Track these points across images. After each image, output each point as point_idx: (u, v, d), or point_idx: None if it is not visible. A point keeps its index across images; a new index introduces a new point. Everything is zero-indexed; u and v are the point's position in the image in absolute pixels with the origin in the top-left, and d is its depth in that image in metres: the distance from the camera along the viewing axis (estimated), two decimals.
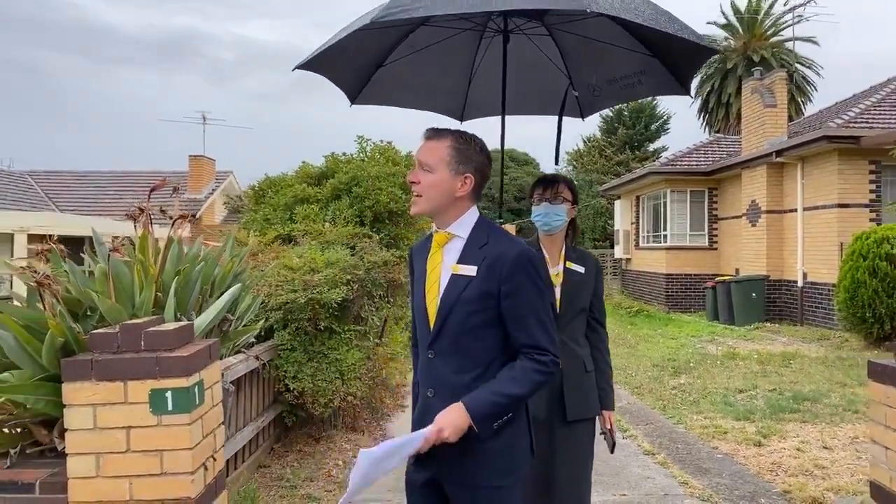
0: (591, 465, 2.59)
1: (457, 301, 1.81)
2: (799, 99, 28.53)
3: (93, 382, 2.28)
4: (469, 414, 1.73)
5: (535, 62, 2.97)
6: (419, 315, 1.93)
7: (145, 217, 2.90)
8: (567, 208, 2.58)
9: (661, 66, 2.77)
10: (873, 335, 9.70)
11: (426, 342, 1.89)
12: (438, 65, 2.99)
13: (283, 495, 3.94)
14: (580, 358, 2.54)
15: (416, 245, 2.07)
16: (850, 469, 4.39)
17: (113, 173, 22.42)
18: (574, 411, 2.49)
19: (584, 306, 2.59)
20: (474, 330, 1.81)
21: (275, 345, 4.66)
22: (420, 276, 1.95)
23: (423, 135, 1.91)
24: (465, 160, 1.86)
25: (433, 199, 1.86)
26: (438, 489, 1.90)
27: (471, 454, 1.81)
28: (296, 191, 6.36)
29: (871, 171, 12.06)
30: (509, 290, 1.78)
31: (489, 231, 1.88)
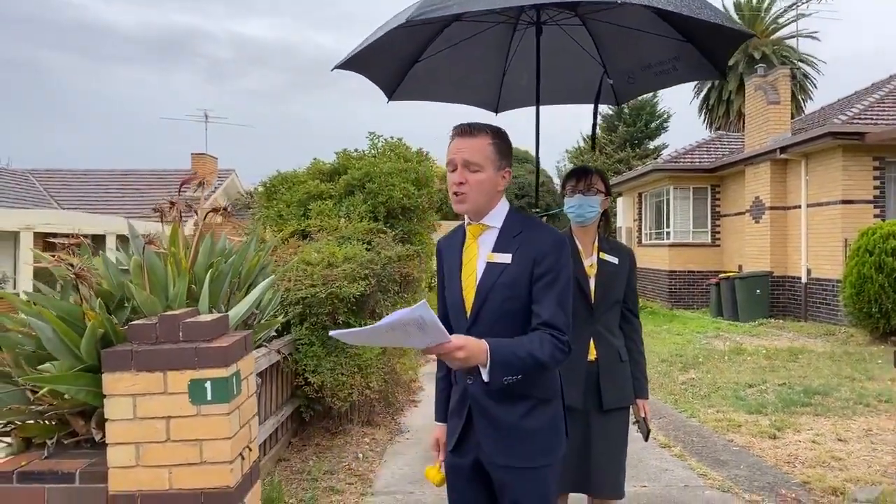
0: (625, 451, 2.62)
1: (492, 288, 1.86)
2: (800, 96, 28.59)
3: (133, 373, 2.30)
4: (490, 353, 1.73)
5: (568, 52, 2.99)
6: (454, 305, 1.97)
7: (176, 211, 2.92)
8: (601, 199, 2.60)
9: (696, 52, 2.79)
10: (879, 330, 9.74)
11: (462, 330, 1.91)
12: (473, 58, 3.02)
13: (305, 488, 3.97)
14: (615, 348, 2.56)
15: (444, 239, 2.10)
16: (867, 461, 4.42)
17: (114, 172, 22.40)
18: (610, 400, 2.52)
19: (619, 297, 2.61)
20: (510, 315, 1.86)
21: (293, 339, 4.68)
22: (454, 268, 1.98)
23: (456, 132, 1.90)
24: (504, 155, 1.91)
25: (480, 197, 1.88)
26: (481, 472, 1.93)
27: (518, 437, 1.85)
28: (309, 187, 6.38)
29: (875, 167, 12.10)
30: (541, 273, 1.84)
31: (522, 220, 1.93)
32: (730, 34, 2.61)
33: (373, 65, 2.83)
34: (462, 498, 1.98)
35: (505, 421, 1.85)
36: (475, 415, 1.90)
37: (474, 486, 1.95)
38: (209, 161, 21.31)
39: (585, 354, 2.50)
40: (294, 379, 4.82)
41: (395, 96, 3.08)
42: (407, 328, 1.65)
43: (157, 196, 22.37)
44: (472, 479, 1.95)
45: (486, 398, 1.85)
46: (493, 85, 3.21)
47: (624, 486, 2.64)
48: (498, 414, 1.86)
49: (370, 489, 4.02)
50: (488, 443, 1.87)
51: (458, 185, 1.88)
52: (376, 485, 4.11)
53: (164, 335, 2.34)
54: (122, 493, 2.32)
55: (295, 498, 3.77)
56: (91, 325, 2.36)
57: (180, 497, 2.32)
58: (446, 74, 3.10)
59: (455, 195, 1.90)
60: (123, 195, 20.91)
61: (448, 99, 3.31)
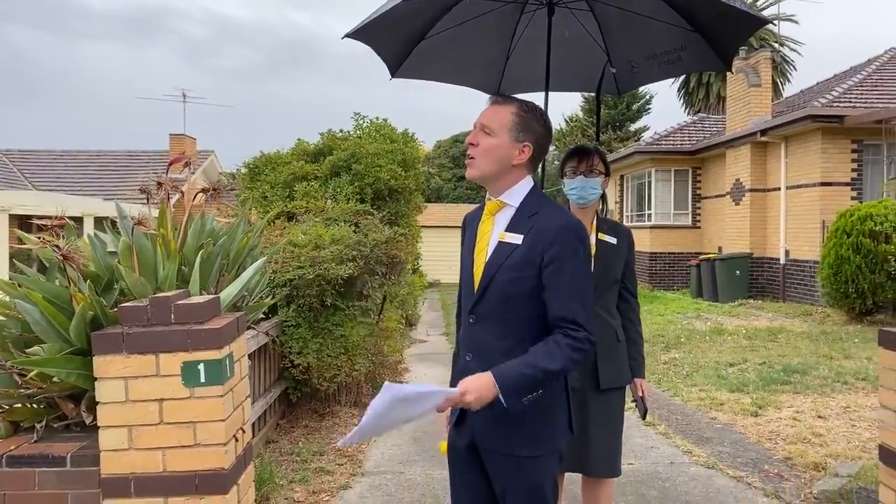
0: (621, 430, 2.65)
1: (500, 268, 1.82)
2: (778, 80, 28.80)
3: (124, 355, 2.27)
4: (497, 385, 1.69)
5: (573, 37, 2.96)
6: (465, 280, 1.95)
7: (164, 192, 2.87)
8: (601, 181, 2.58)
9: (703, 41, 2.75)
10: (855, 310, 9.94)
11: (469, 306, 1.90)
12: (478, 39, 2.97)
13: (296, 469, 3.97)
14: (612, 328, 2.57)
15: (471, 213, 2.06)
16: (846, 436, 4.53)
17: (90, 152, 21.95)
18: (607, 380, 2.53)
19: (617, 277, 2.61)
20: (514, 298, 1.81)
21: (280, 321, 4.66)
22: (470, 242, 1.96)
23: (489, 100, 1.90)
24: (526, 128, 1.84)
25: (488, 163, 1.84)
26: (478, 456, 1.92)
27: (508, 423, 1.81)
28: (294, 168, 6.30)
29: (853, 150, 12.27)
30: (551, 258, 1.76)
31: (541, 202, 1.87)
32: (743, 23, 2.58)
33: (380, 37, 2.77)
34: (460, 478, 1.98)
35: (497, 406, 1.79)
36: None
37: (470, 469, 1.94)
38: (188, 142, 20.97)
39: None
40: (281, 361, 4.80)
41: (398, 73, 3.03)
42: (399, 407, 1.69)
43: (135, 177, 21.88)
44: (470, 460, 1.94)
45: None
46: (497, 68, 3.17)
47: (620, 465, 2.67)
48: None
49: (360, 469, 4.03)
50: (479, 425, 1.86)
51: (469, 145, 1.85)
52: (366, 465, 4.12)
53: (155, 317, 2.31)
54: (114, 476, 2.30)
55: (286, 479, 3.77)
56: (81, 308, 2.32)
57: (174, 479, 2.31)
58: (450, 54, 3.04)
59: (467, 159, 1.88)
60: (100, 176, 20.53)
61: (450, 79, 3.27)
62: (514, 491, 1.85)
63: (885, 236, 9.50)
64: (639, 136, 31.47)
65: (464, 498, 1.98)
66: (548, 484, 1.87)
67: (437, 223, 20.06)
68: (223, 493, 2.32)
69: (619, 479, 3.72)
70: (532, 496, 1.85)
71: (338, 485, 3.76)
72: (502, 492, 1.88)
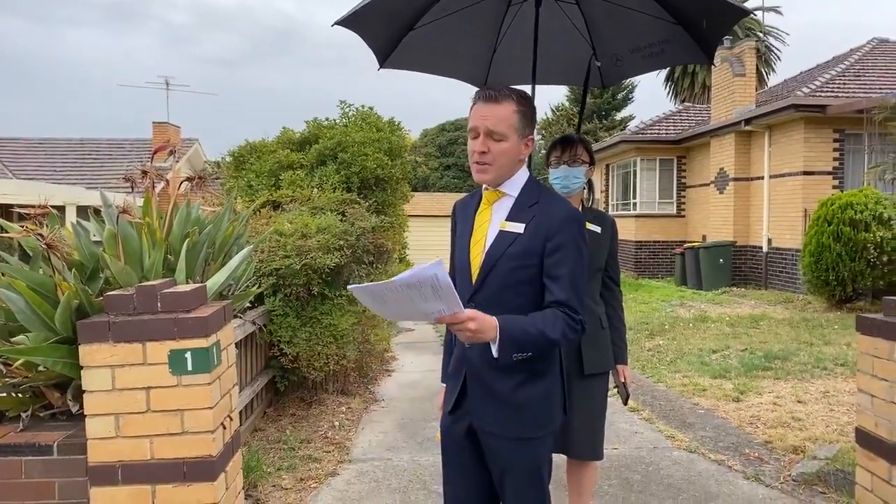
0: (604, 414, 2.70)
1: (501, 256, 1.83)
2: (763, 69, 28.98)
3: (111, 344, 2.28)
4: (499, 330, 1.70)
5: (559, 30, 2.97)
6: (461, 269, 1.95)
7: (148, 180, 2.85)
8: (585, 170, 2.61)
9: (686, 35, 2.78)
10: (835, 297, 10.10)
11: (467, 296, 1.89)
12: (465, 31, 2.98)
13: (283, 457, 3.99)
14: (596, 315, 2.61)
15: (460, 202, 2.07)
16: (825, 420, 4.63)
17: (72, 141, 21.66)
18: (591, 366, 2.57)
19: (601, 266, 2.65)
20: (515, 286, 1.83)
21: (267, 310, 4.65)
22: (465, 231, 1.96)
23: (480, 97, 1.83)
24: (529, 123, 1.84)
25: (503, 166, 1.83)
26: (474, 439, 1.93)
27: (508, 407, 1.84)
28: (279, 156, 6.27)
29: (835, 139, 12.40)
30: (553, 248, 1.80)
31: (539, 191, 1.88)
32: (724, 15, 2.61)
33: (370, 26, 2.77)
34: (454, 463, 1.98)
35: (497, 390, 1.84)
36: (469, 380, 1.90)
37: (466, 453, 1.95)
38: (172, 130, 20.73)
39: None
40: (269, 350, 4.81)
41: (386, 64, 3.03)
42: (422, 289, 1.58)
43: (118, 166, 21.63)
44: (466, 445, 1.94)
45: (481, 365, 1.84)
46: (483, 61, 3.18)
47: (603, 448, 2.72)
48: (491, 382, 1.85)
49: (347, 457, 4.06)
50: (479, 409, 1.88)
51: (480, 153, 1.81)
52: (353, 452, 4.15)
53: (141, 306, 2.31)
54: (102, 464, 2.31)
55: (273, 467, 3.79)
56: (66, 297, 2.31)
57: (162, 467, 2.32)
58: (438, 46, 3.05)
59: (477, 164, 1.84)
60: (82, 165, 20.27)
61: (437, 71, 3.27)
62: (513, 473, 1.88)
63: (865, 224, 9.65)
64: (624, 125, 31.57)
65: (459, 482, 1.99)
66: (545, 465, 1.92)
67: (424, 212, 20.05)
68: (211, 480, 2.34)
69: (604, 463, 3.79)
70: (531, 477, 1.89)
71: (325, 472, 3.79)
72: (501, 474, 1.90)
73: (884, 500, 2.73)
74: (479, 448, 1.93)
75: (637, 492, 3.51)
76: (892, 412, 2.67)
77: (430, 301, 1.62)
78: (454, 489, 2.00)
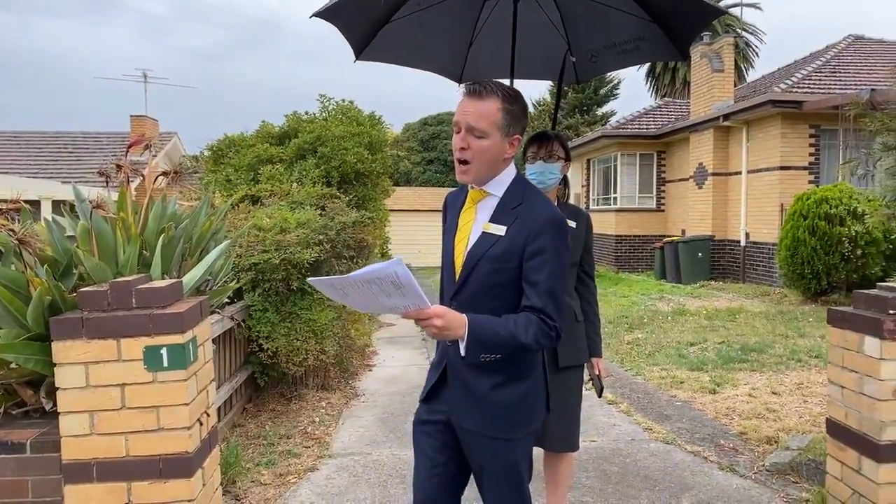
0: (580, 406, 2.73)
1: (482, 258, 1.82)
2: (742, 65, 29.27)
3: (84, 340, 2.25)
4: (468, 328, 1.69)
5: (535, 25, 2.98)
6: (446, 265, 1.94)
7: (123, 175, 2.82)
8: (561, 166, 2.64)
9: (661, 32, 2.80)
10: (811, 290, 10.27)
11: (450, 293, 1.90)
12: (442, 25, 2.98)
13: (263, 453, 3.97)
14: (571, 309, 2.64)
15: (452, 195, 2.05)
16: (798, 411, 4.71)
17: (47, 134, 21.27)
18: (565, 359, 2.60)
19: (576, 260, 2.68)
20: (495, 287, 1.82)
21: (246, 306, 4.63)
22: (451, 227, 1.95)
23: (466, 91, 1.79)
24: (515, 122, 1.79)
25: (484, 165, 1.80)
26: (447, 432, 1.92)
27: (479, 405, 1.84)
28: (258, 151, 6.21)
29: (810, 135, 12.59)
30: (533, 252, 1.78)
31: (524, 191, 1.86)
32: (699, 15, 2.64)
33: (346, 17, 2.76)
34: (427, 452, 1.97)
35: (474, 389, 1.84)
36: (450, 375, 1.90)
37: (440, 443, 1.94)
38: (149, 123, 20.44)
39: None
40: (248, 345, 4.78)
41: (363, 56, 3.02)
42: (382, 285, 1.58)
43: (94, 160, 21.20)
44: (440, 436, 1.94)
45: (459, 362, 1.84)
46: (459, 54, 3.18)
47: (578, 440, 2.75)
48: (470, 380, 1.85)
49: (327, 452, 4.06)
50: (457, 405, 1.88)
51: (460, 150, 1.79)
52: (333, 447, 4.15)
53: (116, 302, 2.29)
54: (76, 462, 2.29)
55: (252, 462, 3.78)
56: (38, 293, 2.28)
57: (138, 464, 2.31)
58: (415, 39, 3.04)
59: (458, 162, 1.82)
60: (57, 159, 19.93)
61: (413, 64, 3.26)
62: (491, 470, 1.89)
63: (840, 219, 9.81)
64: (606, 120, 31.72)
65: (429, 472, 1.97)
66: (524, 461, 1.92)
67: (407, 207, 20.01)
68: (188, 476, 2.33)
69: (582, 455, 3.83)
70: (509, 474, 1.89)
71: (304, 467, 3.78)
72: (479, 469, 1.91)
73: (853, 489, 2.80)
74: (451, 441, 1.93)
75: (615, 483, 3.55)
76: (861, 403, 2.74)
77: (393, 297, 1.62)
78: (422, 480, 1.97)
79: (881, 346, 2.61)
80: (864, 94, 10.65)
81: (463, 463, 1.96)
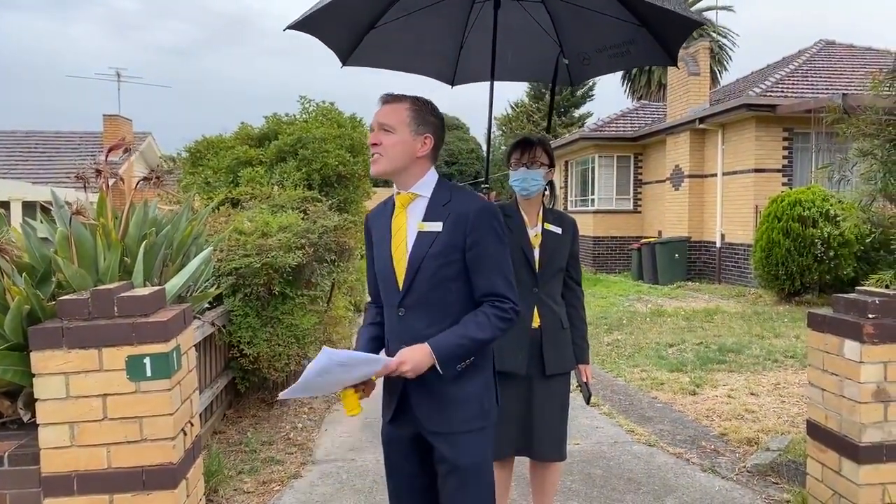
0: (567, 414, 2.72)
1: (425, 256, 1.88)
2: (715, 68, 29.70)
3: (64, 350, 2.20)
4: (434, 354, 1.82)
5: (526, 29, 2.98)
6: (385, 277, 1.97)
7: (103, 179, 2.76)
8: (544, 172, 2.63)
9: (650, 37, 2.83)
10: (785, 291, 10.45)
11: (395, 301, 1.94)
12: (430, 28, 2.96)
13: (245, 460, 3.92)
14: (557, 315, 2.63)
15: (373, 211, 2.11)
16: (777, 412, 4.79)
17: (16, 133, 20.80)
18: (552, 366, 2.59)
19: (562, 266, 2.67)
20: (443, 283, 1.89)
21: (226, 311, 4.56)
22: (382, 238, 1.99)
23: (380, 99, 1.96)
24: (423, 121, 1.93)
25: (394, 158, 1.91)
26: (418, 444, 1.98)
27: (446, 404, 1.90)
28: (237, 153, 6.13)
29: (784, 137, 12.81)
30: (473, 242, 1.87)
31: (451, 189, 1.97)
32: (681, 23, 2.67)
33: (326, 27, 2.73)
34: (398, 470, 2.02)
35: (436, 386, 1.88)
36: (409, 385, 1.92)
37: (411, 459, 2.00)
38: (123, 123, 20.07)
39: (529, 321, 2.56)
40: (228, 351, 4.72)
41: (349, 62, 3.00)
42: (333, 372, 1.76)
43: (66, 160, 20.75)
44: (410, 451, 1.99)
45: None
46: (451, 57, 3.17)
47: (566, 448, 2.75)
48: (432, 382, 1.88)
49: (311, 458, 4.02)
50: (422, 410, 1.92)
51: (372, 145, 1.93)
52: (317, 454, 4.11)
53: (97, 310, 2.24)
54: (56, 475, 2.23)
55: (235, 470, 3.73)
56: (17, 302, 2.22)
57: (120, 476, 2.26)
58: (403, 43, 3.03)
59: (371, 157, 1.96)
60: (28, 158, 19.51)
61: (403, 68, 3.25)
62: (464, 469, 1.91)
63: (813, 221, 10.00)
64: (583, 122, 31.96)
65: (410, 484, 2.02)
66: (488, 461, 1.97)
67: None
68: (172, 488, 2.29)
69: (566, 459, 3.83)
70: (476, 474, 1.92)
71: (288, 474, 3.74)
72: (445, 475, 1.93)
73: (833, 490, 2.84)
74: (424, 455, 1.97)
75: (599, 486, 3.57)
76: (841, 405, 2.78)
77: (353, 370, 1.81)
78: (399, 498, 2.04)
79: (861, 350, 2.66)
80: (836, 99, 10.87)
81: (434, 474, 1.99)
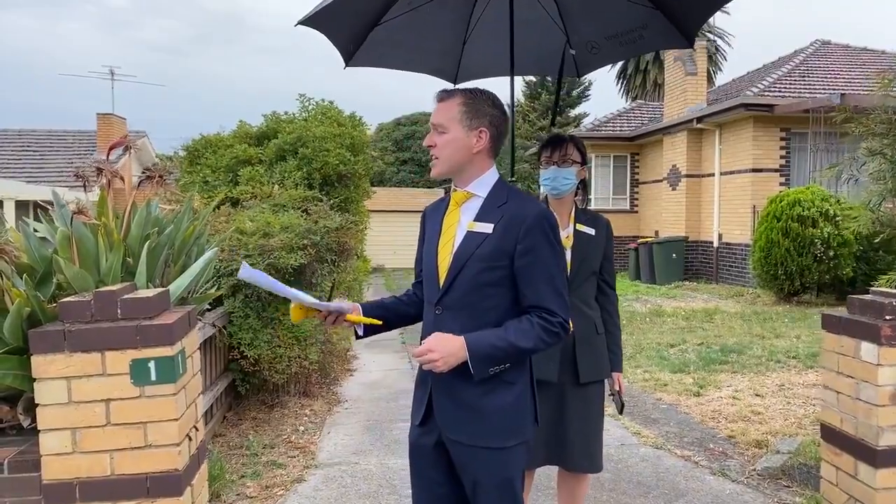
0: (601, 423, 2.60)
1: (470, 257, 1.80)
2: (711, 69, 29.75)
3: (66, 354, 2.13)
4: (468, 349, 1.72)
5: (531, 20, 2.91)
6: (428, 272, 1.91)
7: (104, 178, 2.69)
8: (576, 170, 2.52)
9: (664, 19, 2.73)
10: (784, 291, 10.45)
11: (434, 299, 1.86)
12: (433, 25, 2.90)
13: (246, 464, 3.85)
14: (591, 320, 2.52)
15: (430, 206, 2.04)
16: (783, 413, 4.75)
17: (8, 132, 20.61)
18: (586, 374, 2.47)
19: (595, 269, 2.56)
20: (484, 287, 1.79)
21: (226, 312, 4.50)
22: (433, 234, 1.92)
23: (435, 97, 1.90)
24: (476, 115, 1.84)
25: (450, 157, 1.84)
26: (445, 452, 1.88)
27: (469, 413, 1.80)
28: (236, 151, 6.05)
29: (781, 137, 12.82)
30: (525, 249, 1.77)
31: (508, 191, 1.86)
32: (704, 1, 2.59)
33: (333, 24, 2.67)
34: (425, 476, 1.93)
35: (464, 397, 1.80)
36: (435, 390, 1.85)
37: (437, 466, 1.90)
38: (117, 122, 19.90)
39: None
40: (228, 352, 4.65)
41: (352, 62, 2.93)
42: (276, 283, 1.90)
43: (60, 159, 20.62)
44: (436, 459, 1.90)
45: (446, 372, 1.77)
46: (453, 54, 3.10)
47: (601, 460, 2.61)
48: (457, 389, 1.80)
49: (314, 461, 3.95)
50: (445, 417, 1.84)
51: (428, 146, 1.88)
52: (319, 457, 4.04)
53: (100, 313, 2.18)
54: (57, 482, 2.17)
55: (237, 474, 3.66)
56: (17, 304, 2.16)
57: (124, 483, 2.19)
58: (405, 41, 2.96)
59: (431, 159, 1.90)
60: (21, 157, 19.33)
61: (406, 67, 3.18)
62: (484, 485, 1.82)
63: (812, 221, 9.99)
64: (578, 122, 31.96)
65: (431, 492, 1.93)
66: (517, 477, 1.86)
67: (382, 207, 19.83)
68: (177, 495, 2.22)
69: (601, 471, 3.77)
70: (502, 490, 1.83)
71: (291, 478, 3.67)
72: (472, 486, 1.85)
73: (849, 494, 2.80)
74: (449, 461, 1.88)
75: (608, 490, 3.52)
76: (858, 408, 2.74)
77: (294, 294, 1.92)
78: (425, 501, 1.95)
79: (878, 352, 2.62)
80: (834, 99, 10.88)
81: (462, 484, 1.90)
